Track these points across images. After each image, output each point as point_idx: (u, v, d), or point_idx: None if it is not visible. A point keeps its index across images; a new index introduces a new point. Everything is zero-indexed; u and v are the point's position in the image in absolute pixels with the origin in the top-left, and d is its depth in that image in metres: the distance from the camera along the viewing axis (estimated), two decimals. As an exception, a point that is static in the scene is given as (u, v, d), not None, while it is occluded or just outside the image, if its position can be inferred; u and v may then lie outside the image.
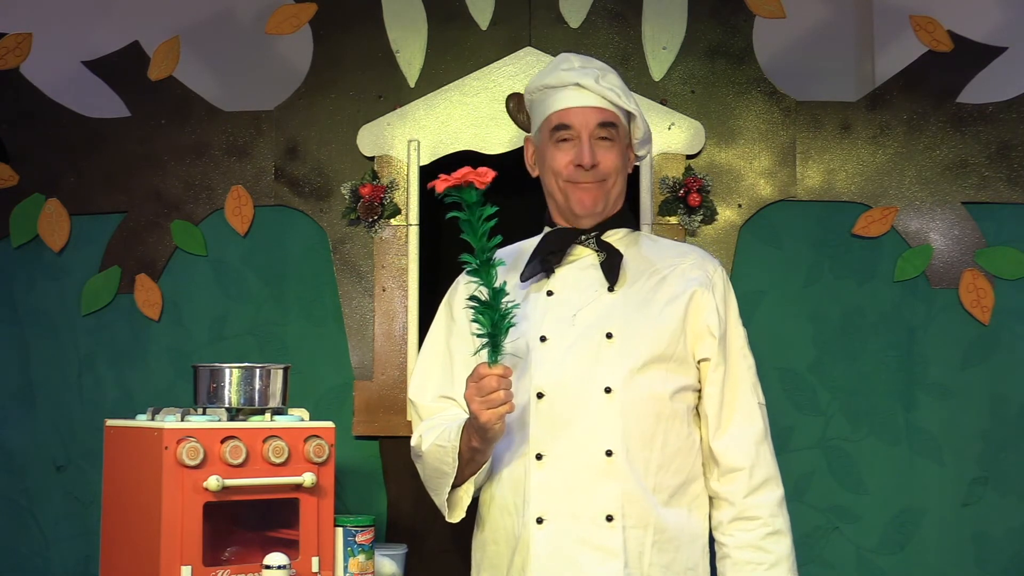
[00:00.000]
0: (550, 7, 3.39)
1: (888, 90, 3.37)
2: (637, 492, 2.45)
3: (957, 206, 3.33)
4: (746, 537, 2.50)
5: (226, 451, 2.61)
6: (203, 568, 2.58)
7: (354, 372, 3.32)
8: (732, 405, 2.54)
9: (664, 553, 2.47)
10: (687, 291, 2.55)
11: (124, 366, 3.36)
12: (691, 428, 2.55)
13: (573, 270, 2.59)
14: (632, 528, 2.44)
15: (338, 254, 3.35)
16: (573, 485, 2.45)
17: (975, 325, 3.29)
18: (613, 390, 2.45)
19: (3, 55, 3.40)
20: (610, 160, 2.55)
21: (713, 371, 2.55)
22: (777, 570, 2.49)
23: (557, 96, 2.58)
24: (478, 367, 2.38)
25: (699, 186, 3.30)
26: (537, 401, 2.49)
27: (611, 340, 2.48)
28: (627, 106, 2.57)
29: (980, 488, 3.26)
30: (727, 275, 2.66)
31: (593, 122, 2.55)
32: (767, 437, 2.57)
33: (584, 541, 2.44)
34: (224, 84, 3.78)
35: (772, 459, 2.56)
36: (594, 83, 2.54)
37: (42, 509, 3.34)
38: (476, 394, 2.36)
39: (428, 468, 2.58)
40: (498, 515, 2.54)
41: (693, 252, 2.67)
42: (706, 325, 2.54)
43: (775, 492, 2.53)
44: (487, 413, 2.35)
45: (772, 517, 2.50)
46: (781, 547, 2.50)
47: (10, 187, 3.40)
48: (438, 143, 3.34)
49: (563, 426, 2.47)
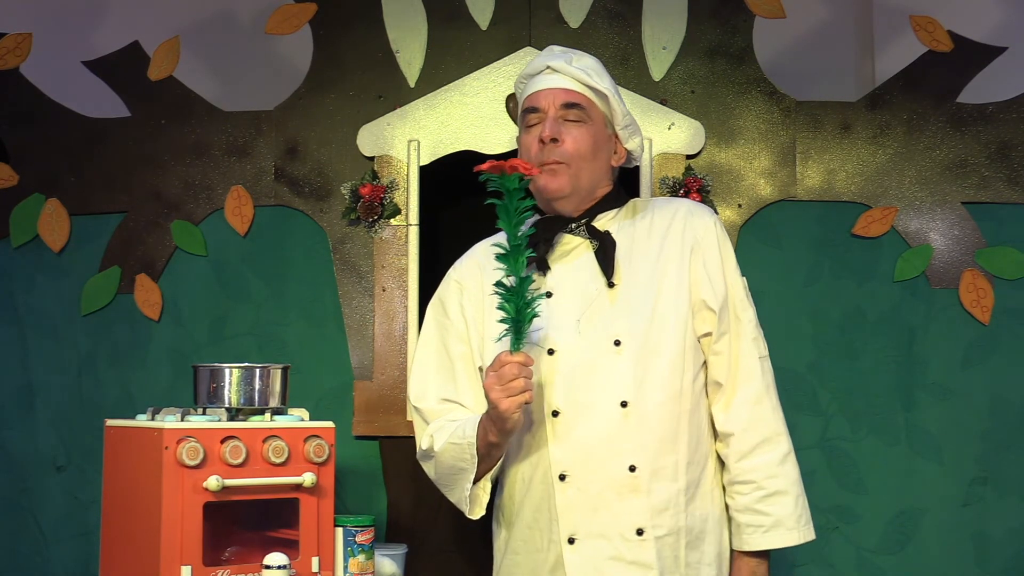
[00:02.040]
0: (550, 7, 3.39)
1: (888, 90, 3.37)
2: (664, 501, 2.44)
3: (957, 206, 3.33)
4: (743, 500, 2.49)
5: (226, 451, 2.61)
6: (203, 568, 2.58)
7: (354, 372, 3.32)
8: (732, 369, 2.51)
9: (695, 550, 2.47)
10: (683, 267, 2.51)
11: (124, 366, 3.36)
12: (705, 403, 2.54)
13: (569, 266, 2.55)
14: (663, 537, 2.44)
15: (338, 254, 3.35)
16: (599, 504, 2.44)
17: (975, 325, 3.29)
18: (629, 403, 2.44)
19: (3, 55, 3.40)
20: (574, 139, 2.50)
21: (717, 341, 2.52)
22: (776, 532, 2.47)
23: (531, 83, 2.57)
24: (500, 355, 2.36)
25: (699, 186, 3.30)
26: (553, 420, 2.47)
27: (619, 348, 2.46)
28: (598, 86, 2.52)
29: (980, 488, 3.26)
30: (718, 223, 2.58)
31: (559, 101, 2.51)
32: (768, 393, 2.53)
33: (618, 558, 2.43)
34: (224, 84, 3.78)
35: (773, 416, 2.52)
36: (565, 64, 2.52)
37: (42, 509, 3.34)
38: (496, 382, 2.34)
39: (443, 467, 2.56)
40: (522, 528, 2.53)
41: (680, 210, 2.59)
42: (702, 299, 2.51)
43: (773, 451, 2.49)
44: (507, 402, 2.33)
45: (768, 479, 2.48)
46: (780, 508, 2.47)
47: (10, 187, 3.40)
48: (438, 143, 3.34)
49: (583, 445, 2.45)
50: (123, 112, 3.42)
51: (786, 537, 2.49)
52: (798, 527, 2.49)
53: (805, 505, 2.52)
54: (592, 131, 2.53)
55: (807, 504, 2.53)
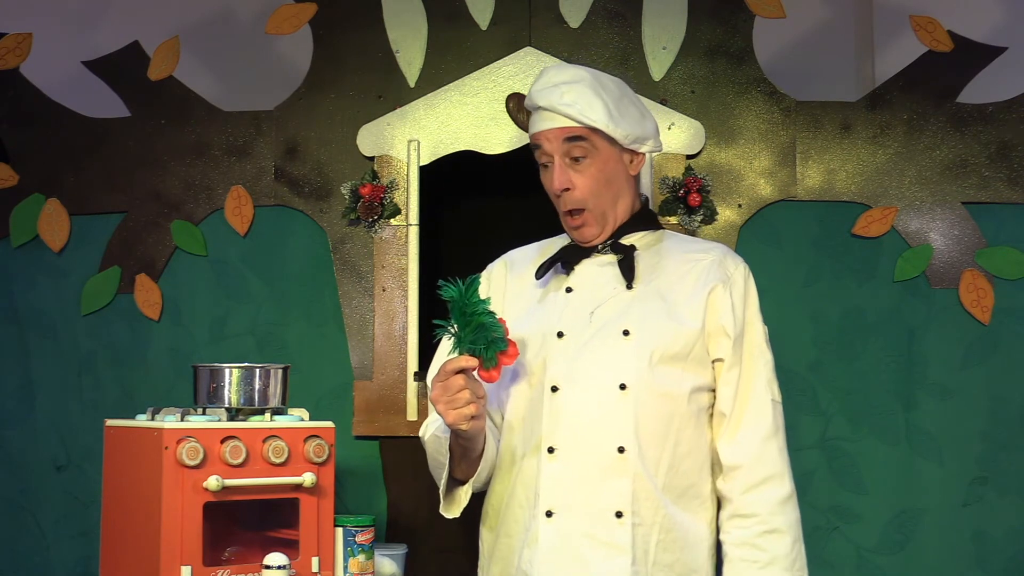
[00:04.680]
0: (550, 7, 3.39)
1: (888, 90, 3.37)
2: (647, 490, 2.44)
3: (957, 206, 3.33)
4: (741, 534, 2.47)
5: (226, 451, 2.61)
6: (203, 568, 2.58)
7: (354, 372, 3.32)
8: (743, 404, 2.51)
9: (668, 552, 2.46)
10: (705, 289, 2.52)
11: (124, 366, 3.36)
12: (703, 431, 2.53)
13: (592, 267, 2.56)
14: (640, 525, 2.43)
15: (338, 254, 3.35)
16: (583, 480, 2.44)
17: (975, 325, 3.29)
18: (628, 386, 2.44)
19: (3, 55, 3.40)
20: (584, 182, 2.49)
21: (727, 371, 2.52)
22: (771, 569, 2.45)
23: (532, 118, 2.55)
24: (444, 364, 2.35)
25: (699, 186, 3.30)
26: (551, 395, 2.47)
27: (628, 337, 2.46)
28: (589, 121, 2.47)
29: (980, 488, 3.26)
30: (750, 273, 2.60)
31: (560, 143, 2.49)
32: (777, 434, 2.52)
33: (592, 536, 2.43)
34: (224, 84, 3.78)
35: (779, 457, 2.51)
36: (556, 101, 2.47)
37: (42, 509, 3.34)
38: (442, 394, 2.35)
39: (429, 457, 2.58)
40: (511, 508, 2.52)
41: (715, 249, 2.62)
42: (721, 325, 2.51)
43: (778, 490, 2.49)
44: (453, 414, 2.34)
45: (770, 515, 2.47)
46: (778, 546, 2.46)
47: (10, 187, 3.40)
48: (438, 143, 3.34)
49: (576, 421, 2.45)
50: (123, 112, 3.42)
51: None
52: (792, 570, 2.46)
53: (802, 551, 2.50)
54: (600, 160, 2.52)
55: (804, 551, 2.50)
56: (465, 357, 2.33)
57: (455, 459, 2.49)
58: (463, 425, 2.36)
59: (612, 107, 2.50)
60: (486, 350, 2.33)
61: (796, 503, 2.52)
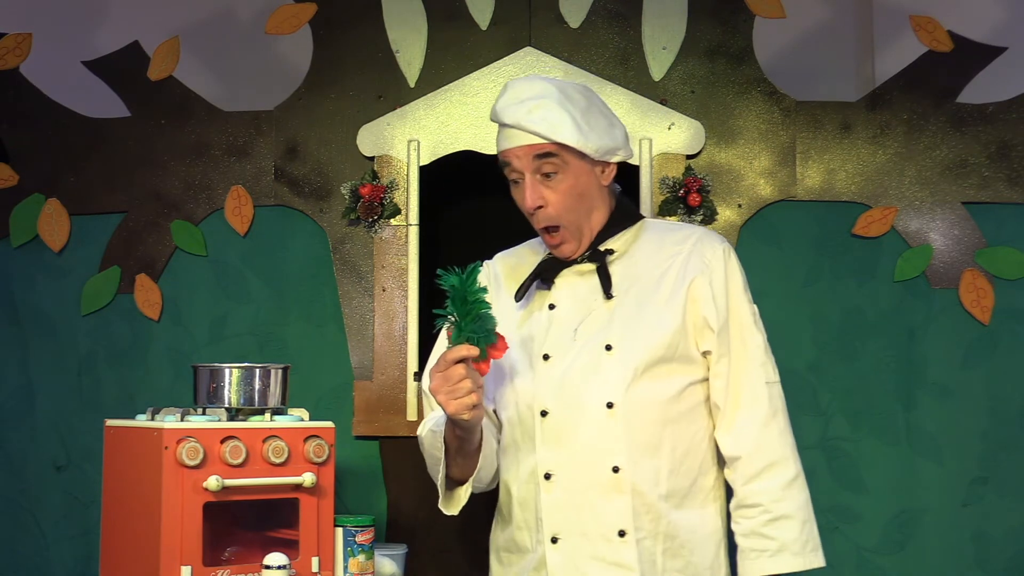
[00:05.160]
0: (550, 7, 3.39)
1: (888, 90, 3.37)
2: (647, 504, 2.43)
3: (957, 206, 3.33)
4: (749, 524, 2.47)
5: (226, 451, 2.61)
6: (203, 568, 2.58)
7: (354, 372, 3.32)
8: (736, 394, 2.49)
9: (677, 558, 2.46)
10: (684, 284, 2.50)
11: (124, 366, 3.36)
12: (703, 423, 2.52)
13: (572, 277, 2.55)
14: (644, 540, 2.43)
15: (338, 254, 3.35)
16: (582, 504, 2.44)
17: (975, 325, 3.29)
18: (615, 405, 2.43)
19: (3, 55, 3.40)
20: (557, 198, 2.46)
21: (716, 363, 2.50)
22: (781, 557, 2.44)
23: (500, 134, 2.51)
24: (444, 354, 2.34)
25: (699, 186, 3.30)
26: (542, 420, 2.47)
27: (611, 352, 2.46)
28: (557, 139, 2.43)
29: (980, 488, 3.26)
30: (730, 252, 2.55)
31: (530, 160, 2.45)
32: (775, 417, 2.49)
33: (599, 558, 2.43)
34: (224, 84, 3.78)
35: (779, 440, 2.49)
36: (524, 118, 2.43)
37: (42, 509, 3.34)
38: (443, 384, 2.33)
39: (425, 454, 2.57)
40: (512, 528, 2.54)
41: (692, 236, 2.57)
42: (704, 317, 2.49)
43: (781, 475, 2.46)
44: (454, 404, 2.33)
45: (774, 503, 2.45)
46: (786, 533, 2.44)
47: (10, 187, 3.40)
48: (438, 143, 3.34)
49: (568, 444, 2.45)
50: (123, 112, 3.42)
51: (791, 562, 2.45)
52: (803, 553, 2.45)
53: (813, 531, 2.48)
54: (571, 175, 2.47)
55: (816, 530, 2.48)
56: (466, 346, 2.31)
57: (450, 454, 2.48)
58: (464, 415, 2.34)
59: (581, 121, 2.45)
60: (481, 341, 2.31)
61: (803, 483, 2.49)
